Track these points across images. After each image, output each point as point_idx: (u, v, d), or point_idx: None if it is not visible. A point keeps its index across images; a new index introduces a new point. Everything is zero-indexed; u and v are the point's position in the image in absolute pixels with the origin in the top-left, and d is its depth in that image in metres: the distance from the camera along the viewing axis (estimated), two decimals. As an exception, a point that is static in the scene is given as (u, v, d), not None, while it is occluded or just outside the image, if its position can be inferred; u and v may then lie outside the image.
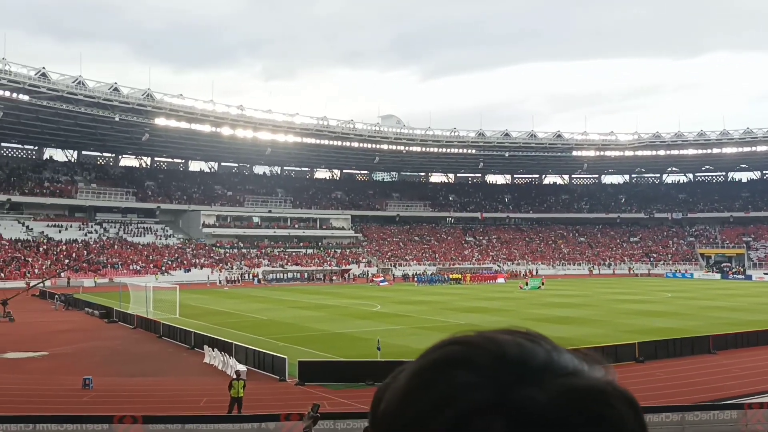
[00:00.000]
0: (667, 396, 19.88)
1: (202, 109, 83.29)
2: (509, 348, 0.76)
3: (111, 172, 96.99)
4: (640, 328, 34.04)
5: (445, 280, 78.14)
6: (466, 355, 0.76)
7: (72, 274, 70.49)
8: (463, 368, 0.74)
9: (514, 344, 0.77)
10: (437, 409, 0.72)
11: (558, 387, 0.73)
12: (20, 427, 14.03)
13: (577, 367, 0.77)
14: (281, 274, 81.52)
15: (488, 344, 0.77)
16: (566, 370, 0.76)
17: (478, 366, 0.74)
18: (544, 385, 0.73)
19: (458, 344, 0.78)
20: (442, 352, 0.77)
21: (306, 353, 26.85)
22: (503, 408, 0.70)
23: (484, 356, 0.75)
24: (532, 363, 0.75)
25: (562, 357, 0.78)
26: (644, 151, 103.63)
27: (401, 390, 0.77)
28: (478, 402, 0.71)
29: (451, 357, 0.76)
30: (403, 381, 0.77)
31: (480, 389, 0.72)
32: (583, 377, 0.76)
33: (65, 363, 26.71)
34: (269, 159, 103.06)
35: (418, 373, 0.77)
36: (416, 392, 0.75)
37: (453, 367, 0.74)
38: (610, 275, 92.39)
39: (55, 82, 71.83)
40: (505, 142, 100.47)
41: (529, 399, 0.71)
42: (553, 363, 0.76)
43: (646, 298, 54.05)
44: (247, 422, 15.72)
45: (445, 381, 0.73)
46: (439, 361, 0.76)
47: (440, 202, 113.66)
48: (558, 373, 0.75)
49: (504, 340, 0.78)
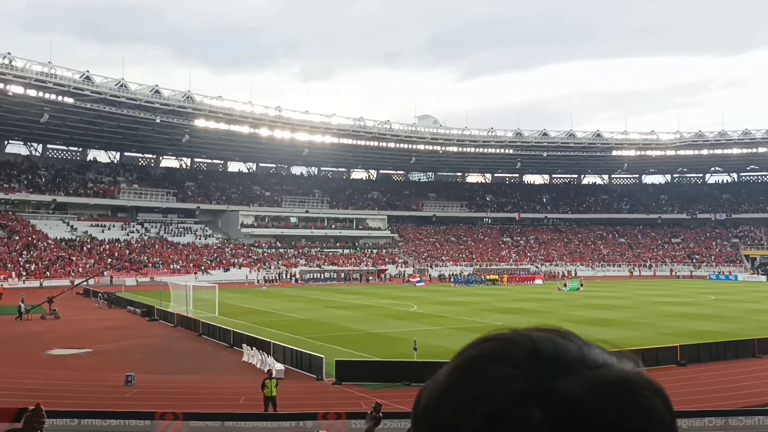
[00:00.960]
0: (710, 400, 19.46)
1: (241, 110, 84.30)
2: (543, 344, 0.80)
3: (152, 172, 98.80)
4: (682, 331, 33.36)
5: (481, 280, 77.65)
6: (502, 350, 0.79)
7: (114, 273, 72.01)
8: (501, 363, 0.78)
9: (548, 340, 0.81)
10: (477, 401, 0.75)
11: (591, 378, 0.77)
12: (65, 421, 14.38)
13: (607, 360, 0.81)
14: (318, 273, 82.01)
15: (523, 340, 0.81)
16: (597, 362, 0.80)
17: (514, 360, 0.78)
18: (577, 377, 0.76)
19: (494, 341, 0.82)
20: (479, 349, 0.81)
21: (343, 353, 26.97)
22: (540, 399, 0.74)
23: (520, 351, 0.79)
24: (565, 357, 0.79)
25: (592, 351, 0.82)
26: (687, 150, 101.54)
27: (441, 386, 0.80)
28: (515, 394, 0.74)
29: (489, 353, 0.80)
30: (443, 377, 0.81)
31: (517, 382, 0.75)
32: (613, 369, 0.80)
33: (108, 360, 27.28)
34: (306, 159, 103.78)
35: (457, 369, 0.80)
36: (456, 387, 0.78)
37: (490, 362, 0.78)
38: (651, 277, 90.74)
39: (98, 85, 73.50)
40: (543, 141, 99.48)
41: (564, 390, 0.74)
42: (584, 357, 0.80)
43: (689, 301, 52.94)
44: (284, 420, 15.85)
45: (484, 375, 0.77)
46: (477, 357, 0.80)
47: (477, 203, 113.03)
48: (590, 365, 0.79)
49: (538, 336, 0.82)
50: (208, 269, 78.49)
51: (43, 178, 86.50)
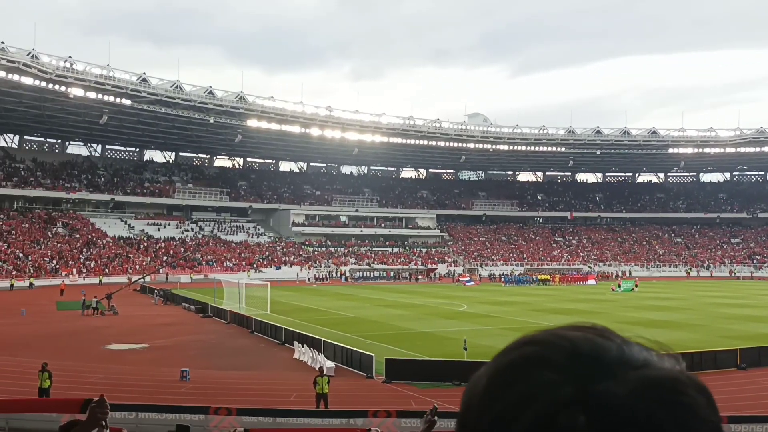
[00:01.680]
0: (772, 406, 18.80)
1: (292, 110, 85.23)
2: (582, 344, 0.79)
3: (206, 172, 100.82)
4: (742, 334, 32.34)
5: (532, 280, 76.73)
6: (542, 354, 0.79)
7: (170, 271, 73.71)
8: (541, 367, 0.77)
9: (586, 340, 0.80)
10: (521, 408, 0.75)
11: (633, 379, 0.76)
12: (123, 414, 14.81)
13: (647, 358, 0.80)
14: (368, 272, 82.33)
15: (562, 342, 0.80)
16: (638, 362, 0.78)
17: (555, 364, 0.77)
18: (619, 378, 0.75)
19: (533, 344, 0.81)
20: (518, 353, 0.80)
21: (392, 351, 27.02)
22: (584, 403, 0.73)
23: (560, 354, 0.78)
24: (605, 357, 0.78)
25: (632, 350, 0.80)
26: (747, 147, 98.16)
27: (482, 391, 0.79)
28: (559, 399, 0.73)
29: (529, 357, 0.79)
30: (483, 381, 0.80)
31: (560, 386, 0.74)
32: (655, 368, 0.78)
33: (164, 355, 27.96)
34: (356, 159, 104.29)
35: (498, 373, 0.80)
36: (498, 392, 0.78)
37: (531, 367, 0.77)
38: (709, 278, 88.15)
39: (154, 87, 75.35)
40: (596, 139, 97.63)
41: (607, 393, 0.73)
42: (625, 356, 0.79)
43: (749, 302, 51.23)
44: (335, 417, 15.99)
45: (526, 380, 0.76)
46: (517, 361, 0.79)
47: (528, 201, 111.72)
48: (631, 365, 0.78)
49: (576, 337, 0.81)
50: (260, 267, 79.68)
51: (102, 178, 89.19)
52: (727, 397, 20.20)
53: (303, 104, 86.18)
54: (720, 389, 21.36)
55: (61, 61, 69.38)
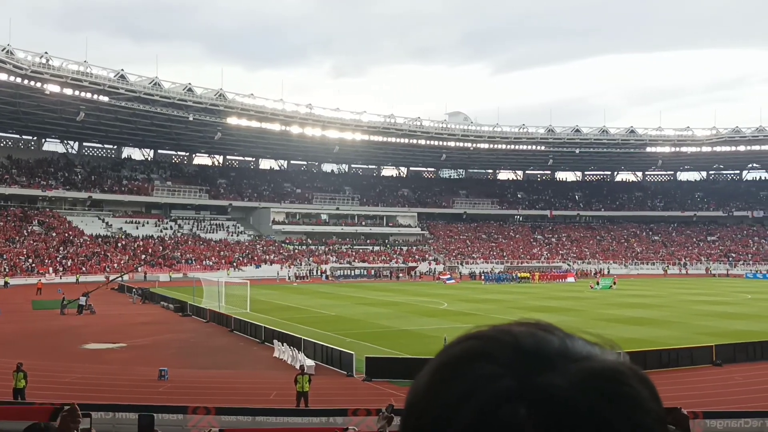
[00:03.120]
0: (747, 401, 19.08)
1: (272, 108, 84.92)
2: (524, 338, 0.79)
3: (185, 170, 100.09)
4: (717, 331, 32.76)
5: (512, 278, 77.17)
6: (484, 348, 0.78)
7: (148, 269, 73.10)
8: (483, 361, 0.77)
9: (529, 335, 0.80)
10: (462, 401, 0.74)
11: (574, 371, 0.76)
12: (100, 415, 14.65)
13: (590, 351, 0.80)
14: (348, 270, 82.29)
15: (504, 336, 0.80)
16: (581, 355, 0.78)
17: (496, 358, 0.77)
18: (560, 370, 0.75)
19: (475, 339, 0.81)
20: (460, 348, 0.80)
21: (373, 349, 27.02)
22: (525, 395, 0.73)
23: (502, 348, 0.78)
24: (547, 351, 0.78)
25: (575, 343, 0.80)
26: (723, 146, 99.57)
27: (424, 386, 0.80)
28: (500, 392, 0.73)
29: (471, 351, 0.79)
30: (425, 378, 0.80)
31: (501, 379, 0.74)
32: (597, 360, 0.78)
33: (142, 354, 27.72)
34: (337, 157, 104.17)
35: (440, 368, 0.79)
36: (439, 387, 0.77)
37: (473, 361, 0.77)
38: (686, 275, 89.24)
39: (132, 84, 74.65)
40: (575, 138, 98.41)
41: (549, 385, 0.74)
42: (567, 349, 0.79)
43: (725, 300, 51.94)
44: (315, 416, 15.95)
45: (467, 374, 0.76)
46: (459, 356, 0.79)
47: (508, 200, 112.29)
48: (573, 358, 0.78)
49: (519, 331, 0.81)
50: (239, 266, 79.29)
51: (79, 176, 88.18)
52: (703, 393, 20.47)
53: (283, 102, 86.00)
54: (696, 385, 21.65)
55: (38, 56, 68.49)
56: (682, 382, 21.94)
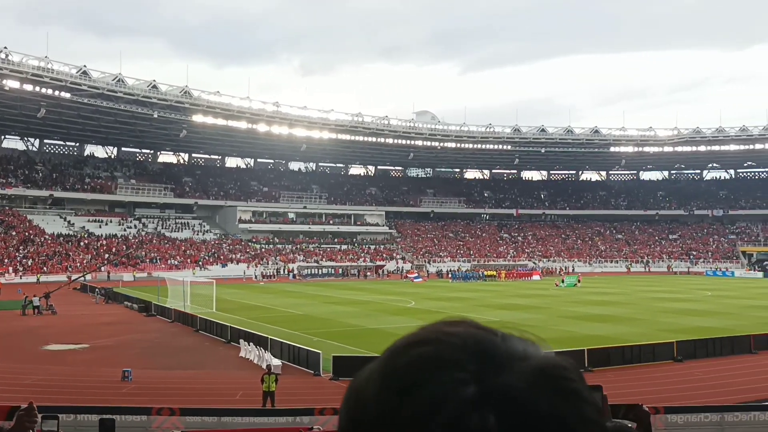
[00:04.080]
0: (706, 396, 19.51)
1: (239, 106, 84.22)
2: (470, 340, 0.78)
3: (149, 168, 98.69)
4: (678, 327, 33.43)
5: (479, 276, 77.74)
6: (438, 353, 0.76)
7: (112, 269, 71.96)
8: (442, 367, 0.74)
9: (471, 336, 0.79)
10: (430, 411, 0.71)
11: (527, 370, 0.75)
12: (61, 417, 14.36)
13: (527, 348, 0.80)
14: (316, 269, 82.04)
15: (452, 339, 0.78)
16: (523, 353, 0.78)
17: (453, 363, 0.75)
18: (515, 371, 0.75)
19: (424, 344, 0.78)
20: (413, 355, 0.77)
21: (340, 348, 26.98)
22: (489, 401, 0.72)
23: (454, 352, 0.76)
24: (496, 352, 0.77)
25: (513, 341, 0.80)
26: (684, 146, 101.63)
27: (376, 400, 0.76)
28: (465, 399, 0.72)
29: (426, 358, 0.76)
30: (375, 391, 0.76)
31: (463, 386, 0.73)
32: (540, 357, 0.79)
33: (105, 355, 27.27)
34: (304, 155, 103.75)
35: (394, 380, 0.76)
36: (399, 400, 0.73)
37: (431, 368, 0.74)
38: (648, 273, 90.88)
39: (95, 80, 73.36)
40: (541, 137, 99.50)
41: (509, 387, 0.73)
42: (511, 349, 0.78)
43: (686, 297, 53.04)
44: (281, 416, 15.86)
45: (429, 383, 0.73)
46: (415, 364, 0.76)
47: (475, 199, 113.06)
48: (518, 357, 0.77)
49: (461, 333, 0.79)
50: (205, 265, 78.47)
51: (40, 174, 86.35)
52: (665, 389, 20.86)
53: (250, 99, 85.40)
54: (658, 381, 22.06)
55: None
56: (645, 377, 22.35)
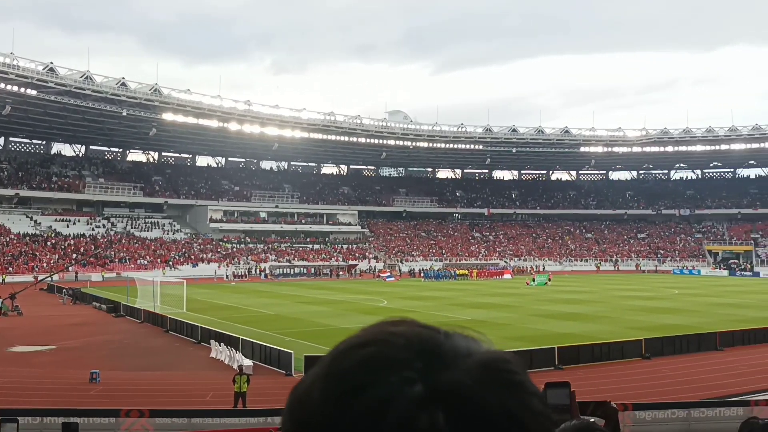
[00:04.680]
0: (673, 392, 19.83)
1: (210, 104, 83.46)
2: (414, 339, 0.78)
3: (118, 166, 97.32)
4: (646, 325, 33.95)
5: (451, 275, 78.09)
6: (384, 353, 0.76)
7: (80, 269, 70.84)
8: (388, 367, 0.74)
9: (415, 334, 0.79)
10: (379, 412, 0.71)
11: (472, 366, 0.75)
12: (27, 420, 14.10)
13: (470, 345, 0.79)
14: (288, 269, 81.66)
15: (396, 339, 0.77)
16: (466, 349, 0.78)
17: (399, 362, 0.74)
18: (460, 367, 0.75)
19: (369, 345, 0.77)
20: (358, 356, 0.76)
21: (312, 348, 26.88)
22: (437, 398, 0.71)
23: (400, 351, 0.75)
24: (440, 349, 0.77)
25: (456, 338, 0.80)
26: (652, 147, 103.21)
27: (322, 403, 0.74)
28: (413, 398, 0.71)
29: (371, 358, 0.75)
30: (319, 394, 0.75)
31: (410, 385, 0.72)
32: (483, 352, 0.79)
33: (72, 357, 26.85)
34: (276, 154, 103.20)
35: (341, 381, 0.74)
36: (347, 401, 0.72)
37: (378, 368, 0.74)
38: (617, 272, 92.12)
39: (62, 77, 72.09)
40: (512, 137, 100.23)
41: (456, 383, 0.73)
42: (455, 346, 0.78)
43: (653, 295, 53.88)
44: (253, 417, 15.76)
45: (376, 383, 0.72)
46: (361, 364, 0.75)
47: (447, 198, 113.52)
48: (462, 353, 0.77)
49: (404, 332, 0.79)
50: (176, 264, 77.64)
51: (5, 172, 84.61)
52: (633, 385, 21.16)
53: (221, 98, 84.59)
54: (626, 378, 22.37)
55: (-40, 47, 65.44)
56: (614, 375, 22.65)
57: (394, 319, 0.82)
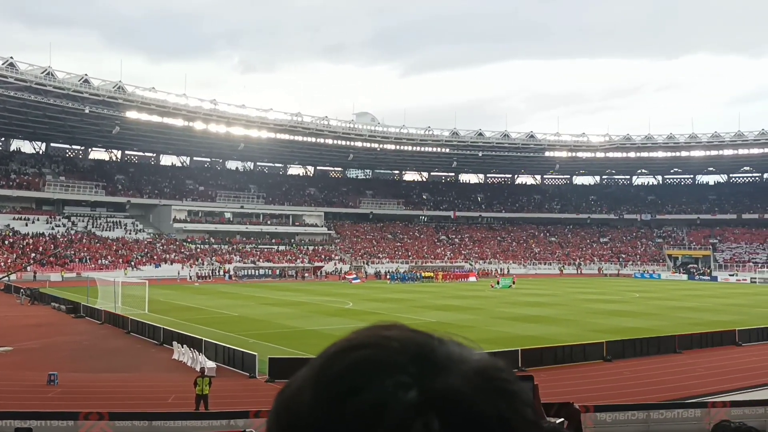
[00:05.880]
0: (634, 394, 20.16)
1: (175, 102, 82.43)
2: (409, 343, 0.77)
3: (80, 165, 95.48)
4: (608, 328, 34.45)
5: (417, 278, 78.33)
6: (378, 357, 0.74)
7: (38, 268, 69.37)
8: (383, 371, 0.73)
9: (409, 339, 0.78)
10: (372, 417, 0.69)
11: (467, 372, 0.75)
12: (-19, 423, 13.74)
13: (463, 351, 0.79)
14: (253, 270, 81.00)
15: (390, 343, 0.76)
16: (460, 355, 0.77)
17: (393, 366, 0.73)
18: (455, 373, 0.74)
19: (362, 348, 0.76)
20: (351, 359, 0.74)
21: (276, 350, 26.73)
22: (433, 404, 0.71)
23: (394, 355, 0.74)
24: (435, 355, 0.76)
25: (450, 344, 0.79)
26: (615, 152, 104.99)
27: (312, 406, 0.72)
28: (408, 403, 0.70)
29: (365, 361, 0.74)
30: (310, 396, 0.73)
31: (405, 389, 0.71)
32: (478, 359, 0.78)
33: (30, 358, 26.25)
34: (242, 154, 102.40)
35: (333, 384, 0.73)
36: (340, 405, 0.71)
37: (372, 372, 0.73)
38: (580, 275, 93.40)
39: (23, 72, 70.52)
40: (478, 141, 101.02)
41: (450, 389, 0.72)
42: (449, 351, 0.77)
43: (615, 298, 54.73)
44: (215, 419, 15.58)
45: (370, 387, 0.71)
46: (355, 367, 0.74)
47: (414, 201, 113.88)
48: (456, 359, 0.76)
49: (398, 336, 0.78)
50: (138, 265, 76.44)
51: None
52: (595, 387, 21.46)
53: (186, 96, 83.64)
54: (588, 380, 22.67)
55: None
56: (576, 377, 22.94)
57: (386, 323, 0.81)
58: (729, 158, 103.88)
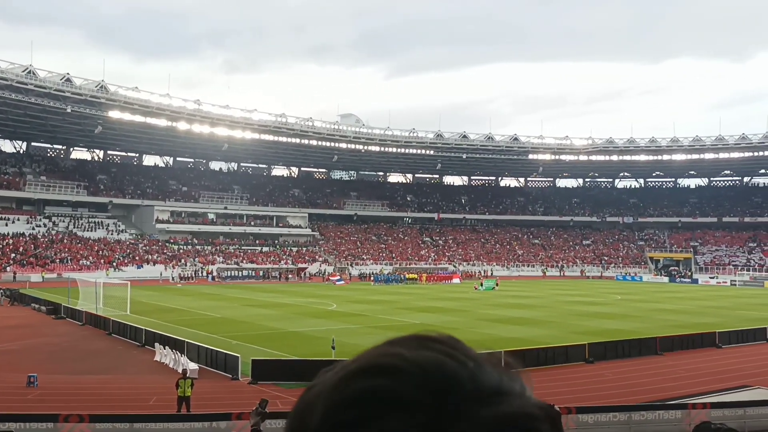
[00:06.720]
0: (615, 396, 20.32)
1: (158, 102, 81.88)
2: (434, 372, 0.72)
3: (62, 164, 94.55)
4: (590, 330, 34.68)
5: (401, 279, 78.35)
6: (393, 389, 0.71)
7: (18, 269, 68.62)
8: (395, 407, 0.70)
9: (437, 366, 0.73)
10: None
11: (488, 420, 0.70)
12: (-41, 426, 13.57)
13: (501, 385, 0.74)
14: (236, 271, 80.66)
15: (413, 369, 0.72)
16: (491, 390, 0.73)
17: (407, 404, 0.70)
18: (474, 419, 0.70)
19: (381, 375, 0.72)
20: (367, 387, 0.72)
21: (260, 352, 26.63)
22: None
23: (411, 390, 0.70)
24: (460, 391, 0.72)
25: (484, 375, 0.74)
26: (598, 156, 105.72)
27: (327, 423, 0.71)
28: None
29: (377, 392, 0.71)
30: (329, 411, 0.72)
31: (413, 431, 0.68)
32: (509, 402, 0.73)
33: (9, 360, 25.96)
34: (226, 155, 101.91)
35: (342, 408, 0.71)
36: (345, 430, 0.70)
37: (383, 405, 0.70)
38: (563, 277, 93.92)
39: (3, 71, 69.76)
40: (462, 143, 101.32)
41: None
42: (479, 387, 0.73)
43: (597, 300, 55.10)
44: (198, 421, 15.51)
45: (376, 421, 0.69)
46: (366, 395, 0.71)
47: (398, 202, 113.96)
48: (485, 399, 0.72)
49: (426, 360, 0.73)
50: (120, 266, 75.82)
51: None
52: (577, 389, 21.59)
53: (170, 96, 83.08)
54: (570, 382, 22.81)
55: None
56: (558, 378, 23.07)
57: (429, 334, 0.77)
58: (710, 162, 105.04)
